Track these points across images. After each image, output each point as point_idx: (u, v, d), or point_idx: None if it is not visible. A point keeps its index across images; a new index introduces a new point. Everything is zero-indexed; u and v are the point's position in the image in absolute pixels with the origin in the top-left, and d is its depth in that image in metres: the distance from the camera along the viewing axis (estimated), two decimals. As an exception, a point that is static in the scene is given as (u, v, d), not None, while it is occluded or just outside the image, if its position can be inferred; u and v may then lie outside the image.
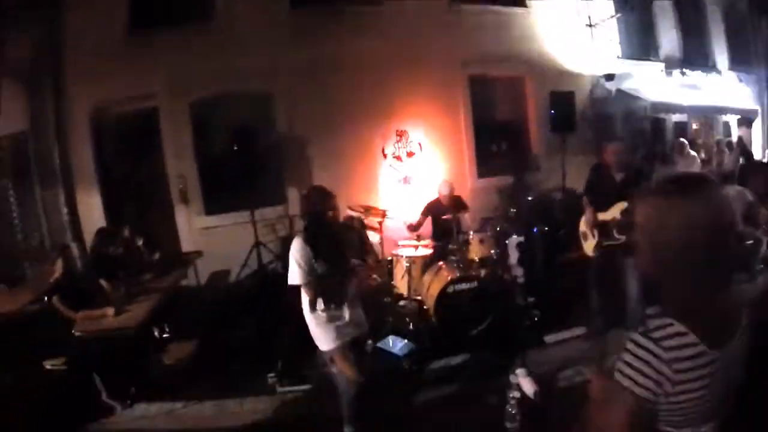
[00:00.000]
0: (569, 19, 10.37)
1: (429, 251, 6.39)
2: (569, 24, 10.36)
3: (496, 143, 10.22)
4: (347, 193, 7.65)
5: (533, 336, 5.60)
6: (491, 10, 9.58)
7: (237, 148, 7.68)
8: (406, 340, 5.53)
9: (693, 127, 13.94)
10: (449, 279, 5.69)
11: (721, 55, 13.86)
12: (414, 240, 6.51)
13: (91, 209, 8.21)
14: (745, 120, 14.41)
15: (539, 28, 9.97)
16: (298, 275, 3.49)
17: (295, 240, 3.54)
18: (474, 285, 5.76)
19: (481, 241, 6.22)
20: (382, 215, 6.35)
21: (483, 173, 9.86)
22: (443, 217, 6.45)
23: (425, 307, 6.02)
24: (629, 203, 4.69)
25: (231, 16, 8.35)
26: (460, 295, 5.70)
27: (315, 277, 3.48)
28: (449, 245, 6.37)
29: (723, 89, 13.32)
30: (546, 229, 7.64)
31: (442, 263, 6.12)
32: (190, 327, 6.34)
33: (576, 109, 9.27)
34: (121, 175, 8.53)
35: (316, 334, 3.68)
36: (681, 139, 11.08)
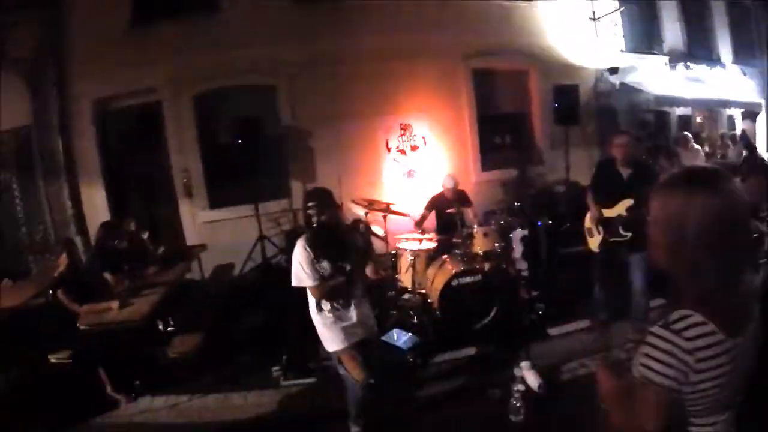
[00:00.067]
0: (573, 13, 10.32)
1: (433, 245, 6.37)
2: (573, 17, 10.31)
3: (500, 136, 10.20)
4: (351, 187, 7.67)
5: (537, 329, 5.61)
6: (495, 3, 9.52)
7: (241, 141, 7.70)
8: (410, 333, 5.52)
9: (697, 121, 13.88)
10: (453, 272, 5.67)
11: (725, 49, 13.81)
12: (418, 233, 6.51)
13: (95, 203, 8.26)
14: (750, 113, 14.37)
15: (543, 21, 9.92)
16: (300, 278, 3.46)
17: (298, 242, 3.50)
18: (478, 278, 5.75)
19: (485, 235, 6.21)
20: (386, 208, 6.34)
21: (487, 166, 9.82)
22: (447, 211, 6.44)
23: (429, 301, 5.99)
24: (635, 200, 4.69)
25: (234, 8, 8.32)
26: (464, 289, 5.68)
27: (319, 280, 3.44)
28: (453, 239, 6.35)
29: (727, 82, 13.26)
30: (550, 223, 7.61)
31: (446, 257, 6.10)
32: (194, 320, 6.33)
33: (580, 103, 9.23)
34: (125, 169, 8.56)
35: (323, 334, 3.65)
36: (685, 133, 11.03)
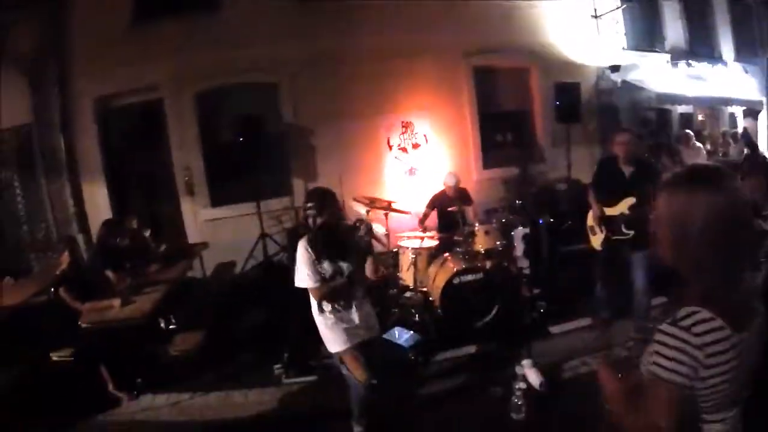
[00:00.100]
0: (575, 10, 10.29)
1: (435, 243, 6.38)
2: (575, 15, 10.27)
3: (501, 134, 10.19)
4: (352, 185, 7.67)
5: (539, 327, 5.62)
6: (496, 1, 9.48)
7: (242, 139, 7.70)
8: (411, 331, 5.51)
9: (699, 119, 13.85)
10: (455, 270, 5.68)
11: (727, 46, 13.77)
12: (420, 232, 6.51)
13: (97, 201, 8.27)
14: (751, 111, 14.34)
15: (545, 18, 9.89)
16: (301, 279, 3.46)
17: (299, 243, 3.50)
18: (480, 276, 5.75)
19: (487, 233, 6.19)
20: (387, 206, 6.34)
21: (488, 164, 9.82)
22: (449, 209, 6.44)
23: (431, 299, 6.00)
24: (637, 198, 4.69)
25: (236, 6, 8.32)
26: (465, 287, 5.68)
27: (319, 281, 3.44)
28: (455, 237, 6.35)
29: (729, 80, 13.23)
30: (552, 221, 7.61)
31: (447, 255, 6.11)
32: (196, 318, 6.35)
33: (581, 101, 9.22)
34: (127, 167, 8.57)
35: (325, 335, 3.64)
36: (687, 131, 11.01)
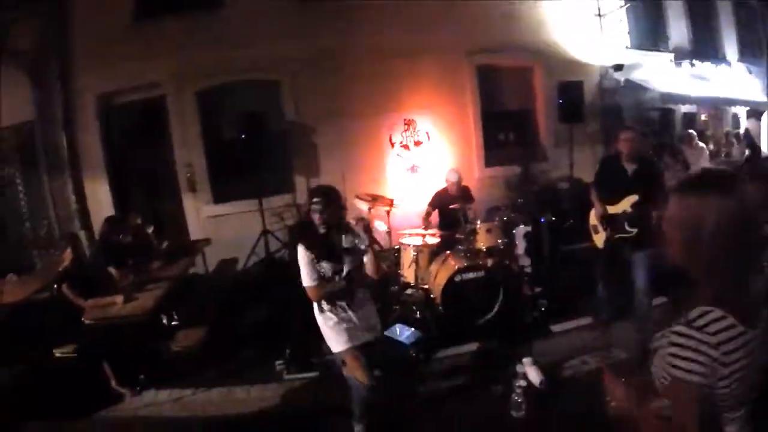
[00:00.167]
0: (578, 9, 10.28)
1: (436, 240, 6.37)
2: (578, 14, 10.26)
3: (503, 133, 10.18)
4: (355, 182, 7.67)
5: (540, 325, 5.63)
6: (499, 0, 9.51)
7: (244, 136, 7.72)
8: (413, 328, 5.52)
9: (702, 119, 13.80)
10: (456, 268, 5.67)
11: (731, 46, 13.73)
12: (422, 229, 6.52)
13: (99, 198, 8.30)
14: (755, 111, 14.30)
15: (548, 17, 9.88)
16: (303, 278, 3.46)
17: (299, 243, 3.51)
18: (481, 274, 5.74)
19: (489, 231, 6.17)
20: (389, 204, 6.35)
21: (490, 162, 9.83)
22: (450, 207, 6.42)
23: (432, 296, 5.99)
24: (639, 196, 4.68)
25: (238, 4, 8.33)
26: (467, 285, 5.68)
27: (317, 280, 3.44)
28: (457, 234, 6.34)
29: (732, 80, 13.20)
30: (553, 219, 7.61)
31: (449, 252, 6.09)
32: (198, 315, 6.35)
33: (584, 100, 9.22)
34: (129, 164, 8.58)
35: (326, 335, 3.64)
36: (690, 131, 10.97)
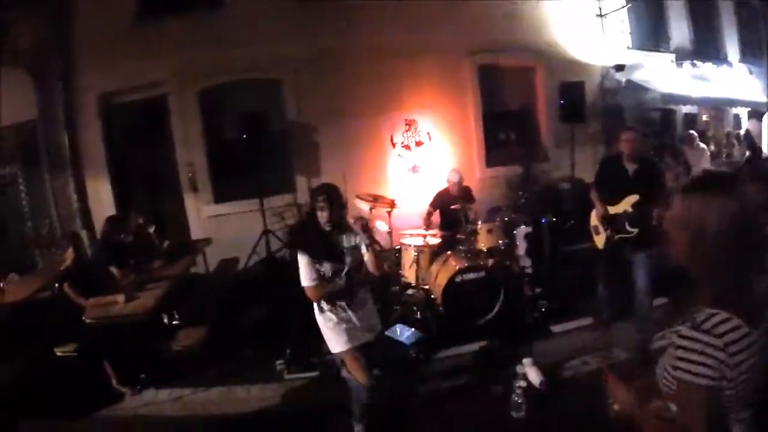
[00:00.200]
0: (580, 9, 10.28)
1: (437, 241, 6.37)
2: (580, 14, 10.26)
3: (505, 133, 10.16)
4: (355, 183, 7.67)
5: (540, 326, 5.63)
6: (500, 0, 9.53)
7: (246, 136, 7.72)
8: (413, 328, 5.52)
9: (703, 119, 13.77)
10: (457, 268, 5.67)
11: (732, 47, 13.73)
12: (423, 229, 6.52)
13: (101, 197, 8.31)
14: (756, 112, 14.28)
15: (550, 17, 9.88)
16: (301, 278, 3.45)
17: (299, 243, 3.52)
18: (482, 275, 5.74)
19: (490, 231, 6.18)
20: (390, 205, 6.35)
21: (491, 163, 9.81)
22: (451, 207, 6.42)
23: (433, 296, 6.00)
24: (640, 195, 4.67)
25: (239, 4, 8.33)
26: (467, 285, 5.68)
27: (316, 280, 3.43)
28: (457, 235, 6.35)
29: (733, 81, 13.18)
30: (554, 220, 7.61)
31: (450, 253, 6.10)
32: (199, 314, 6.34)
33: (586, 100, 9.22)
34: (131, 163, 8.59)
35: (326, 335, 3.63)
36: (691, 131, 10.97)
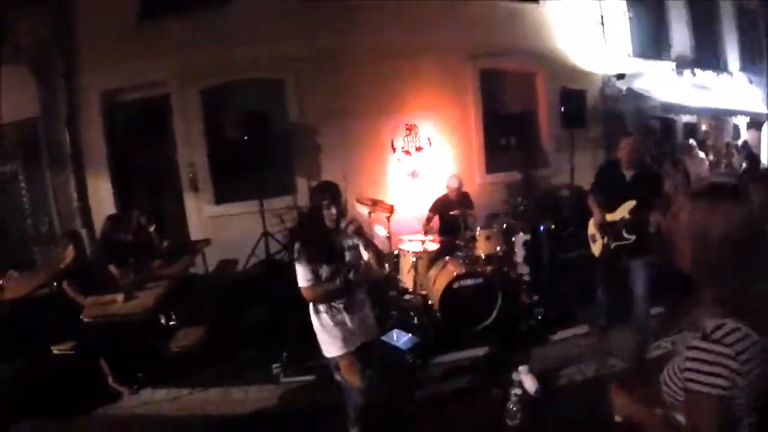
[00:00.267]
0: (582, 16, 10.32)
1: (436, 246, 6.38)
2: (582, 21, 10.30)
3: (505, 138, 10.18)
4: (356, 185, 7.67)
5: (536, 334, 5.63)
6: (503, 3, 9.52)
7: (247, 137, 7.73)
8: (410, 334, 5.54)
9: (703, 129, 13.79)
10: (455, 274, 5.69)
11: (733, 56, 13.79)
12: (421, 235, 6.53)
13: (101, 195, 8.32)
14: (755, 122, 14.32)
15: (552, 23, 9.92)
16: (298, 278, 3.44)
17: (296, 244, 3.51)
18: (479, 281, 5.75)
19: (488, 238, 6.21)
20: (390, 210, 6.37)
21: (492, 168, 9.82)
22: (451, 213, 6.44)
23: (430, 302, 6.00)
24: (638, 202, 4.67)
25: (241, 3, 8.35)
26: (465, 291, 5.69)
27: (312, 281, 3.41)
28: (456, 241, 6.37)
29: (733, 90, 13.23)
30: (553, 227, 7.61)
31: (448, 258, 6.11)
32: (197, 314, 6.37)
33: (587, 107, 9.24)
34: (132, 162, 8.61)
35: (321, 338, 3.60)
36: (690, 141, 11.00)
